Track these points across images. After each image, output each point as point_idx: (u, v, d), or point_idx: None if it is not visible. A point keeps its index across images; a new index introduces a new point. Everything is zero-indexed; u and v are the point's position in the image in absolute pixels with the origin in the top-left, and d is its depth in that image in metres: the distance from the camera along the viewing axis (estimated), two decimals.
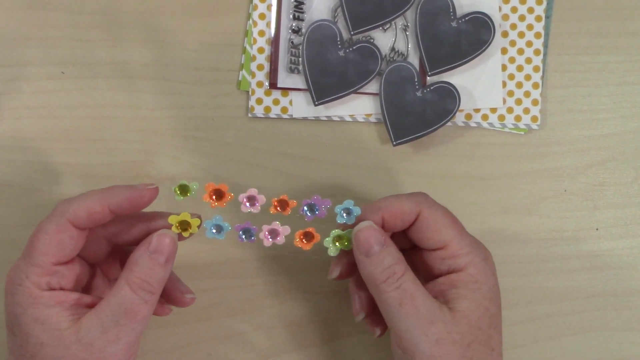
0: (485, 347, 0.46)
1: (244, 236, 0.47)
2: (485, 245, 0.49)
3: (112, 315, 0.44)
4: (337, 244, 0.48)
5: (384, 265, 0.46)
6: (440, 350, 0.44)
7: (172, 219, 0.46)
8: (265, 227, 0.47)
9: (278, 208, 0.47)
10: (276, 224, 0.47)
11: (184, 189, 0.47)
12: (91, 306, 0.45)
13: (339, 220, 0.47)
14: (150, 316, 0.45)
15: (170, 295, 0.50)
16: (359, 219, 0.47)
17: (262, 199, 0.47)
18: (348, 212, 0.47)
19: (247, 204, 0.47)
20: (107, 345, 0.43)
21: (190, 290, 0.51)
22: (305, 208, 0.48)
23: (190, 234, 0.47)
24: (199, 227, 0.47)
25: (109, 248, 0.49)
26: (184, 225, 0.47)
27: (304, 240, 0.48)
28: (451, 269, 0.47)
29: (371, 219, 0.47)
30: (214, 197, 0.47)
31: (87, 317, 0.44)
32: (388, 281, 0.45)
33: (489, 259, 0.48)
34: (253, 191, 0.47)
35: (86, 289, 0.49)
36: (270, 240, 0.47)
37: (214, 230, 0.47)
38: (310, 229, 0.47)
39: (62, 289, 0.45)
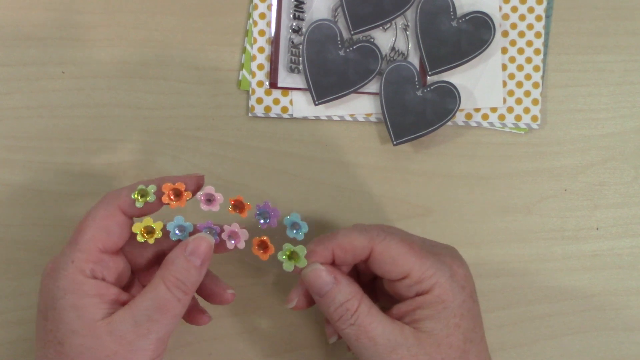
0: None
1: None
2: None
3: (146, 310, 0.44)
4: (290, 260, 0.47)
5: (336, 303, 0.46)
6: None
7: (136, 227, 0.47)
8: (226, 228, 0.47)
9: (236, 209, 0.47)
10: (236, 226, 0.47)
11: (143, 194, 0.46)
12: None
13: (289, 234, 0.47)
14: (181, 316, 0.46)
15: (212, 293, 0.51)
16: (310, 249, 0.47)
17: (220, 197, 0.47)
18: (296, 226, 0.47)
19: (205, 202, 0.47)
20: (137, 339, 0.44)
21: (230, 286, 0.51)
22: (259, 213, 0.47)
23: (155, 239, 0.47)
24: (162, 230, 0.47)
25: (151, 255, 0.50)
26: (149, 230, 0.47)
27: (260, 249, 0.47)
28: (418, 293, 0.47)
29: (320, 252, 0.47)
30: (172, 197, 0.47)
31: (121, 311, 0.45)
32: (342, 319, 0.46)
33: (458, 274, 0.47)
34: (210, 189, 0.47)
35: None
36: (233, 242, 0.47)
37: (178, 232, 0.47)
38: (265, 239, 0.47)
39: (104, 280, 0.46)
